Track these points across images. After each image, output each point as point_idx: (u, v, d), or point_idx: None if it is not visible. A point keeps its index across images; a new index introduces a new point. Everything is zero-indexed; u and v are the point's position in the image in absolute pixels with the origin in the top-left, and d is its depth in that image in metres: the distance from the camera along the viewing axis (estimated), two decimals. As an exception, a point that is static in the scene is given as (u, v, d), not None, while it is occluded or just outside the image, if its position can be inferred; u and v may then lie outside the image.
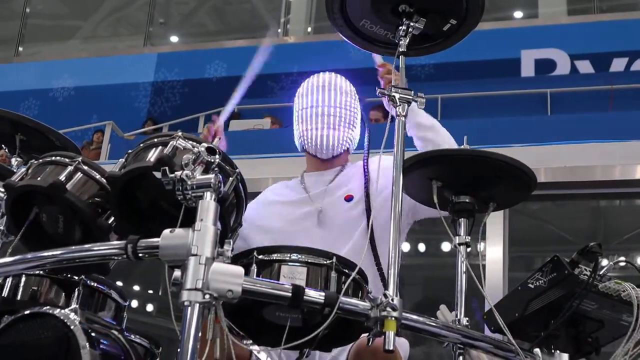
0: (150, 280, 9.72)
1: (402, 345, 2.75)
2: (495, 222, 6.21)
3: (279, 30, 16.38)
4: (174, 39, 17.69)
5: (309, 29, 16.18)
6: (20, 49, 17.39)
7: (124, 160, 2.24)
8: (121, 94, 14.40)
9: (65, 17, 18.57)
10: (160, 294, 10.03)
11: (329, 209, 2.99)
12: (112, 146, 11.20)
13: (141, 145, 2.24)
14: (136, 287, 9.96)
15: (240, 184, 2.20)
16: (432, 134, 2.99)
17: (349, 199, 2.99)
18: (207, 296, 1.85)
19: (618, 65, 12.42)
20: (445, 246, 7.36)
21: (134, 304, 9.85)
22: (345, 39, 2.67)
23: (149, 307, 10.14)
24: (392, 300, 2.05)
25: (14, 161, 2.89)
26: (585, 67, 12.66)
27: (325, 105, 3.07)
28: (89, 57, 15.73)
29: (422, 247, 8.04)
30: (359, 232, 2.90)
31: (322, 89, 3.10)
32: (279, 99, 12.25)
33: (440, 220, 2.59)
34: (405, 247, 7.59)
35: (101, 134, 12.07)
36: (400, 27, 2.48)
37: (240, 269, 1.92)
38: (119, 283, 3.09)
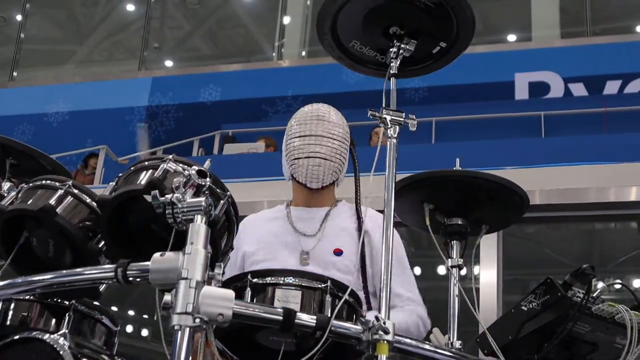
0: (145, 305, 9.68)
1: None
2: (489, 246, 6.20)
3: (274, 54, 16.43)
4: (169, 63, 17.72)
5: (304, 53, 16.22)
6: (15, 73, 17.40)
7: (114, 183, 2.23)
8: (116, 119, 14.40)
9: (59, 42, 18.61)
10: (155, 318, 9.97)
11: (316, 254, 2.92)
12: (105, 170, 11.18)
13: (132, 168, 2.23)
14: (131, 312, 9.93)
15: (231, 207, 2.19)
16: None
17: (338, 253, 2.92)
18: (197, 320, 1.83)
19: (611, 87, 12.46)
20: (441, 270, 7.35)
21: (129, 329, 9.81)
22: (335, 60, 2.66)
23: (144, 332, 10.10)
24: (384, 323, 2.03)
25: (5, 185, 2.87)
26: (579, 89, 12.70)
27: (318, 134, 3.00)
28: (84, 82, 15.74)
29: (417, 270, 8.03)
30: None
31: (315, 119, 3.03)
32: (273, 123, 12.26)
33: (435, 243, 2.58)
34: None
35: (96, 158, 12.06)
36: (391, 49, 2.48)
37: (231, 293, 1.90)
38: (114, 308, 3.06)
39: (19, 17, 18.10)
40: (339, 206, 3.09)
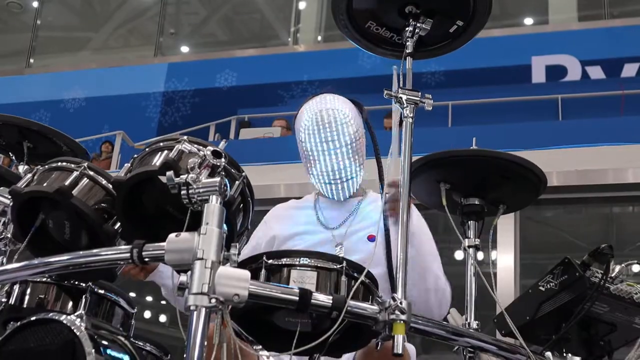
0: (163, 290, 9.69)
1: (410, 351, 2.72)
2: (506, 229, 6.17)
3: (289, 39, 16.42)
4: (185, 49, 17.74)
5: (319, 38, 16.20)
6: (32, 60, 17.48)
7: (129, 165, 2.23)
8: (132, 104, 14.45)
9: (76, 29, 18.65)
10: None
11: (350, 247, 2.82)
12: (122, 156, 11.23)
13: (147, 149, 2.23)
14: (149, 298, 9.96)
15: (247, 188, 2.18)
16: None
17: (372, 239, 2.82)
18: (213, 300, 1.82)
19: (629, 70, 12.40)
20: (458, 255, 7.34)
21: (147, 314, 9.85)
22: (351, 41, 2.64)
23: (162, 318, 10.14)
24: (401, 303, 2.02)
25: (21, 168, 2.87)
26: (596, 72, 12.65)
27: (333, 161, 2.85)
28: (100, 68, 15.79)
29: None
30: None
31: (323, 136, 2.86)
32: (289, 107, 12.26)
33: (452, 227, 2.56)
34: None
35: (109, 144, 12.13)
36: (406, 28, 2.46)
37: (246, 273, 1.89)
38: (132, 294, 3.06)
39: (35, 4, 18.16)
40: (368, 196, 3.03)
